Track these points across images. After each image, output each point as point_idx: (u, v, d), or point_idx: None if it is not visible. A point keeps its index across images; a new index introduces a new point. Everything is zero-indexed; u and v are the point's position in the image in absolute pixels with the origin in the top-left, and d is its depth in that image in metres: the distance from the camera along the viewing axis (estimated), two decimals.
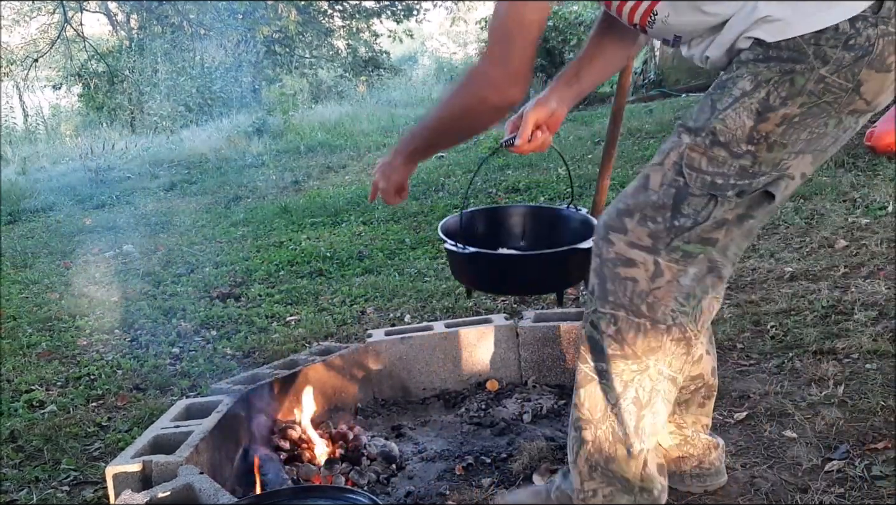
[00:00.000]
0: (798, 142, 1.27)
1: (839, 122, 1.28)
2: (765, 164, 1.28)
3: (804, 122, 1.26)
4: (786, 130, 1.26)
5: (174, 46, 15.05)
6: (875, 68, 1.23)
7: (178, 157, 9.35)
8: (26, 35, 19.03)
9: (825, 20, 1.20)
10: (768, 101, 1.24)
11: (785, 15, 1.22)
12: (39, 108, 15.55)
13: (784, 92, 1.24)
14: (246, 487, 1.89)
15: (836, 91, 1.24)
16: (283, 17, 15.48)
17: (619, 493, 1.43)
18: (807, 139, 1.27)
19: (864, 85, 1.24)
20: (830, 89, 1.24)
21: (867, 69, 1.22)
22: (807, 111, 1.25)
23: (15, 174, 9.29)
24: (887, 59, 1.22)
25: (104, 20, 19.12)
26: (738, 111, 1.26)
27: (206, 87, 13.93)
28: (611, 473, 1.42)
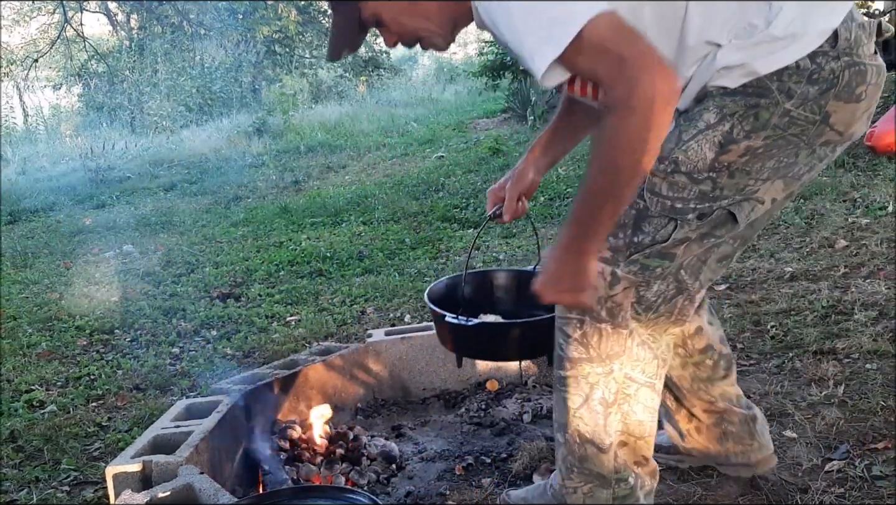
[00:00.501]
0: (764, 169, 1.30)
1: (812, 153, 1.31)
2: (726, 188, 1.31)
3: (769, 152, 1.29)
4: (749, 160, 1.29)
5: (174, 46, 15.07)
6: (843, 99, 1.26)
7: (178, 157, 9.36)
8: (26, 35, 19.05)
9: (783, 60, 1.23)
10: (731, 134, 1.27)
11: (744, 60, 1.24)
12: (39, 108, 15.56)
13: (748, 126, 1.27)
14: (246, 487, 1.89)
15: (803, 124, 1.27)
16: (283, 17, 15.48)
17: (597, 489, 1.47)
18: (774, 167, 1.30)
19: (832, 116, 1.27)
20: (796, 122, 1.27)
21: (834, 101, 1.26)
22: (772, 143, 1.28)
23: (15, 174, 9.31)
24: (856, 89, 1.26)
25: (104, 20, 19.14)
26: (700, 143, 1.29)
27: (206, 87, 13.95)
28: (587, 470, 1.46)
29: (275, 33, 15.47)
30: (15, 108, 15.51)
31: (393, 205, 5.51)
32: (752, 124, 1.26)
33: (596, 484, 1.46)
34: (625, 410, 1.43)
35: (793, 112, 1.26)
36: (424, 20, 1.34)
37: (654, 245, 1.34)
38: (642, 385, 1.42)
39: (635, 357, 1.40)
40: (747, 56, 1.24)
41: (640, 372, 1.42)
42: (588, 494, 1.47)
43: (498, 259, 3.94)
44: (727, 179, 1.29)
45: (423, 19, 1.34)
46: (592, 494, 1.47)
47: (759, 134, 1.27)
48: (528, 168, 1.64)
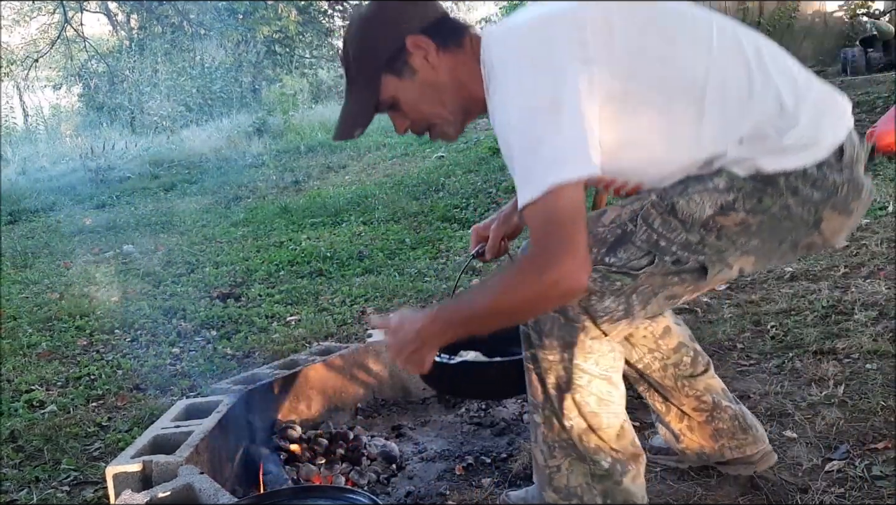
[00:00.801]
0: (748, 244, 1.36)
1: (793, 248, 1.39)
2: (709, 247, 1.35)
3: (759, 233, 1.35)
4: (740, 231, 1.34)
5: (174, 46, 15.06)
6: (838, 210, 1.35)
7: (179, 157, 9.36)
8: (26, 35, 19.06)
9: (791, 164, 1.30)
10: (734, 203, 1.32)
11: (753, 159, 1.31)
12: (39, 108, 15.56)
13: (749, 205, 1.32)
14: (246, 487, 1.89)
15: (797, 221, 1.34)
16: (284, 17, 15.47)
17: (575, 462, 1.47)
18: (756, 246, 1.36)
19: (824, 223, 1.35)
20: (792, 218, 1.34)
21: (830, 210, 1.34)
22: (765, 227, 1.34)
23: (15, 174, 9.31)
24: (850, 203, 1.35)
25: (104, 20, 19.14)
26: (703, 198, 1.33)
27: (207, 87, 13.94)
28: (565, 444, 1.47)
29: (275, 33, 15.46)
30: (15, 108, 15.51)
31: (393, 205, 5.51)
32: (753, 204, 1.32)
33: (573, 457, 1.47)
34: (577, 400, 1.43)
35: (792, 208, 1.33)
36: (441, 107, 1.40)
37: (623, 269, 1.36)
38: (595, 377, 1.42)
39: (588, 349, 1.40)
40: (757, 156, 1.30)
41: (594, 364, 1.42)
42: (569, 468, 1.48)
43: (498, 259, 3.94)
44: (714, 239, 1.35)
45: (440, 106, 1.40)
46: (573, 468, 1.47)
47: (757, 215, 1.33)
48: (513, 213, 1.73)
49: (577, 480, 1.47)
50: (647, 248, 1.35)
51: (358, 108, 1.41)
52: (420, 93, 1.38)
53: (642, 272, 1.36)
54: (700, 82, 1.29)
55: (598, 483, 1.47)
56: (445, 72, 1.38)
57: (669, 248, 1.35)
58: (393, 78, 1.37)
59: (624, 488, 1.47)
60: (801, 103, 1.32)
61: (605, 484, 1.47)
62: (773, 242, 1.37)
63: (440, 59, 1.37)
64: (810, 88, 1.36)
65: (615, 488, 1.47)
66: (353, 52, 1.39)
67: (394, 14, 1.38)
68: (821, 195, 1.32)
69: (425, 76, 1.37)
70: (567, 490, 1.48)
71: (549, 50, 1.24)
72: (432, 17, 1.38)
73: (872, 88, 6.82)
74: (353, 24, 1.43)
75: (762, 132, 1.30)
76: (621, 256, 1.36)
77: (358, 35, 1.40)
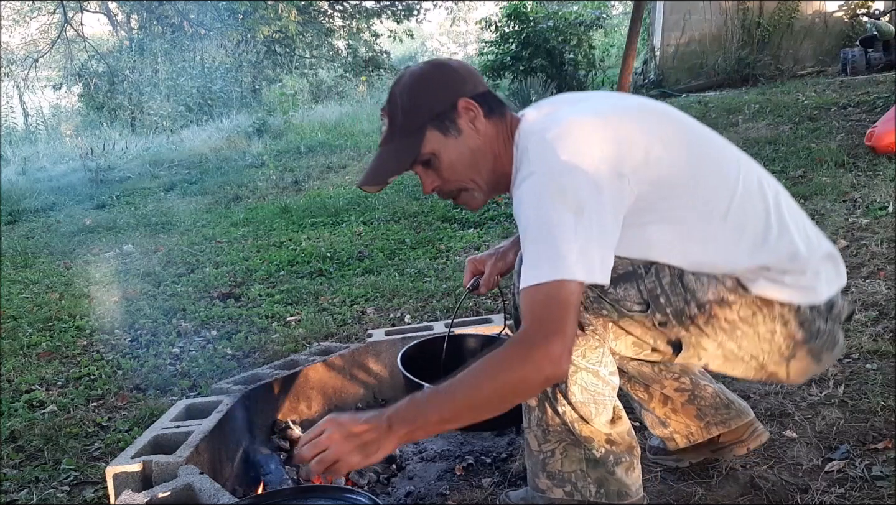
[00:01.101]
0: (724, 345, 1.43)
1: (759, 369, 1.47)
2: (694, 328, 1.41)
3: (740, 340, 1.42)
4: (725, 330, 1.41)
5: (174, 46, 15.06)
6: (811, 355, 1.44)
7: (179, 158, 9.35)
8: (26, 35, 19.06)
9: (790, 298, 1.39)
10: (731, 304, 1.40)
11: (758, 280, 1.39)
12: (39, 108, 15.54)
13: (743, 312, 1.40)
14: (246, 487, 1.89)
15: (775, 348, 1.43)
16: (284, 17, 15.46)
17: (570, 447, 1.50)
18: (731, 350, 1.44)
19: (794, 360, 1.44)
20: (772, 343, 1.42)
21: (805, 352, 1.43)
22: (747, 339, 1.42)
23: (15, 174, 9.30)
24: (823, 352, 1.45)
25: (104, 20, 19.15)
26: (710, 283, 1.39)
27: (207, 88, 13.94)
28: (558, 428, 1.50)
29: (275, 33, 15.45)
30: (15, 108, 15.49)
31: (393, 205, 5.51)
32: (747, 314, 1.40)
33: (568, 443, 1.50)
34: (562, 389, 1.47)
35: (776, 336, 1.41)
36: (476, 173, 1.47)
37: (616, 304, 1.42)
38: (581, 368, 1.46)
39: (578, 343, 1.45)
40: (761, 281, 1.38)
41: (580, 356, 1.45)
42: (563, 453, 1.50)
43: None
44: (702, 322, 1.41)
45: (475, 172, 1.46)
46: (567, 453, 1.50)
47: (746, 324, 1.41)
48: (510, 251, 1.79)
49: (572, 466, 1.50)
50: (645, 298, 1.40)
51: (397, 156, 1.46)
52: (460, 153, 1.44)
53: (630, 314, 1.42)
54: (719, 215, 1.36)
55: (592, 471, 1.49)
56: (486, 140, 1.45)
57: (664, 308, 1.41)
58: (438, 134, 1.43)
59: (618, 478, 1.50)
60: (810, 258, 1.40)
61: (600, 472, 1.49)
62: (746, 355, 1.45)
63: (485, 126, 1.44)
64: (819, 245, 1.44)
65: (609, 478, 1.49)
66: (404, 102, 1.45)
67: (449, 77, 1.46)
68: (803, 335, 1.41)
69: (468, 138, 1.44)
70: (561, 476, 1.51)
71: (586, 155, 1.29)
72: (482, 89, 1.46)
73: (872, 88, 6.83)
74: (406, 77, 1.49)
75: (767, 270, 1.38)
76: (620, 291, 1.41)
77: (412, 88, 1.46)
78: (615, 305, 1.42)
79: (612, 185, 1.29)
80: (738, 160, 1.45)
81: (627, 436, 1.53)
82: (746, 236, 1.37)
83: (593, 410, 1.48)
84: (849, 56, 8.23)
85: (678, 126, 1.44)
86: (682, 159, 1.37)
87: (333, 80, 15.94)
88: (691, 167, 1.37)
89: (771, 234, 1.37)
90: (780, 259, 1.37)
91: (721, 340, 1.42)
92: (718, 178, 1.39)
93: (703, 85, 9.16)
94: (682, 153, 1.38)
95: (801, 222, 1.44)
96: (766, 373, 1.48)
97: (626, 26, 7.75)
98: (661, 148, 1.35)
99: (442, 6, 19.62)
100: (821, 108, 6.38)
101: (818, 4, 9.35)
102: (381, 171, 1.47)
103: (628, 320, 1.43)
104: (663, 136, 1.38)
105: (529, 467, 1.58)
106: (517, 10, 9.88)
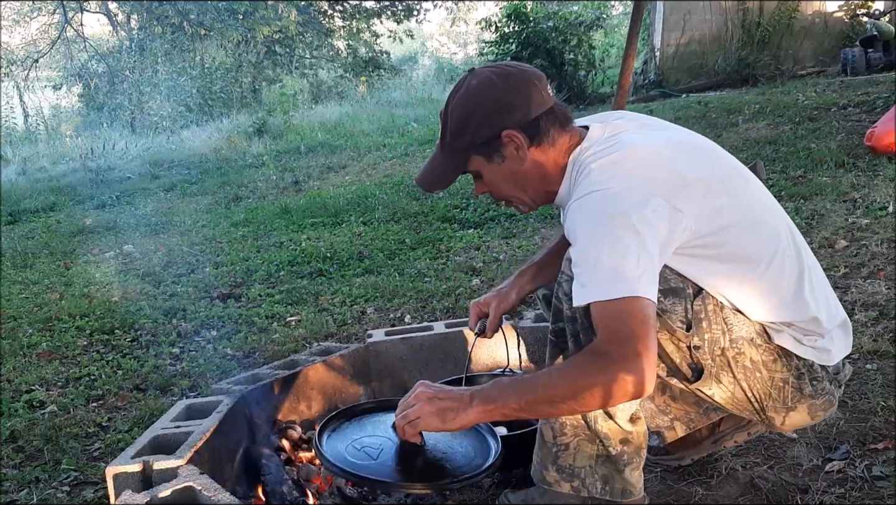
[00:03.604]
0: (739, 383, 1.48)
1: (759, 411, 1.52)
2: (720, 359, 1.46)
3: (752, 382, 1.47)
4: (745, 369, 1.46)
5: (174, 46, 15.06)
6: (809, 411, 1.50)
7: (179, 158, 9.35)
8: (26, 35, 19.06)
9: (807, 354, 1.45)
10: (758, 347, 1.46)
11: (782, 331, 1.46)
12: (40, 109, 15.54)
13: (765, 357, 1.46)
14: (246, 486, 1.89)
15: (780, 397, 1.49)
16: (284, 18, 15.46)
17: (584, 442, 1.52)
18: (743, 389, 1.49)
19: (794, 412, 1.50)
20: (781, 392, 1.48)
21: (806, 407, 1.49)
22: (760, 382, 1.48)
23: (15, 174, 9.30)
24: (819, 410, 1.51)
25: (104, 20, 19.14)
26: (746, 323, 1.44)
27: (207, 88, 13.94)
28: (574, 422, 1.51)
29: (275, 33, 15.46)
30: (15, 108, 15.48)
31: (393, 205, 5.51)
32: (768, 360, 1.46)
33: (583, 438, 1.51)
34: None
35: (787, 385, 1.48)
36: (521, 192, 1.52)
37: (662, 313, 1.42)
38: None
39: None
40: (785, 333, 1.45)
41: None
42: (576, 448, 1.52)
43: (498, 259, 3.95)
44: (730, 356, 1.46)
45: (520, 191, 1.52)
46: (580, 447, 1.52)
47: (766, 368, 1.47)
48: (512, 290, 1.80)
49: (583, 460, 1.52)
50: (689, 318, 1.42)
51: (444, 170, 1.52)
52: (502, 178, 1.49)
53: (672, 330, 1.43)
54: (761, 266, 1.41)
55: (600, 467, 1.51)
56: (532, 166, 1.47)
57: (703, 334, 1.43)
58: (481, 159, 1.48)
59: (624, 478, 1.52)
60: (829, 324, 1.46)
61: (608, 469, 1.51)
62: (752, 396, 1.49)
63: (530, 154, 1.46)
64: (837, 314, 1.51)
65: (616, 476, 1.50)
66: (454, 122, 1.47)
67: (500, 103, 1.44)
68: (810, 391, 1.48)
69: (511, 165, 1.47)
70: (571, 470, 1.53)
71: (649, 182, 1.32)
72: (534, 114, 1.44)
73: (872, 88, 6.83)
74: (462, 91, 1.48)
75: (790, 326, 1.44)
76: (668, 304, 1.42)
77: (463, 108, 1.46)
78: (660, 315, 1.42)
79: (667, 218, 1.31)
80: (788, 224, 1.51)
81: (643, 437, 1.54)
82: (778, 292, 1.42)
83: (620, 405, 1.48)
84: (849, 56, 8.24)
85: (736, 174, 1.48)
86: (739, 205, 1.41)
87: (333, 81, 15.96)
88: (746, 216, 1.41)
89: (801, 296, 1.43)
90: (804, 320, 1.44)
91: (739, 378, 1.47)
92: (767, 233, 1.43)
93: (703, 85, 9.17)
94: (741, 199, 1.42)
95: (825, 291, 1.50)
96: (763, 417, 1.54)
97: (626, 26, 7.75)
98: (721, 189, 1.39)
99: (442, 6, 19.64)
100: (821, 108, 6.39)
101: (818, 4, 9.35)
102: (432, 179, 1.54)
103: (666, 334, 1.44)
104: (724, 178, 1.42)
105: (537, 460, 1.58)
106: (517, 10, 9.89)
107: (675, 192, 1.32)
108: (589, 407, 1.32)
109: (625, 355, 1.23)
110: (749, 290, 1.41)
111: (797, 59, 9.18)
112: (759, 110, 6.69)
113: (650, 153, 1.38)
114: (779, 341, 1.44)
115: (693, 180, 1.35)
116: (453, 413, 1.33)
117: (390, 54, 18.02)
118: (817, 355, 1.46)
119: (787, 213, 1.54)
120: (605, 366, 1.25)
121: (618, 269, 1.25)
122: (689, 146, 1.46)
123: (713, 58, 9.28)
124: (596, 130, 1.48)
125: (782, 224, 1.48)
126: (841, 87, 7.25)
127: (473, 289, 3.48)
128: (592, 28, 10.34)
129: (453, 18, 24.59)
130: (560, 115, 1.48)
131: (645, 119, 1.57)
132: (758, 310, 1.43)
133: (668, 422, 1.78)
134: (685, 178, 1.35)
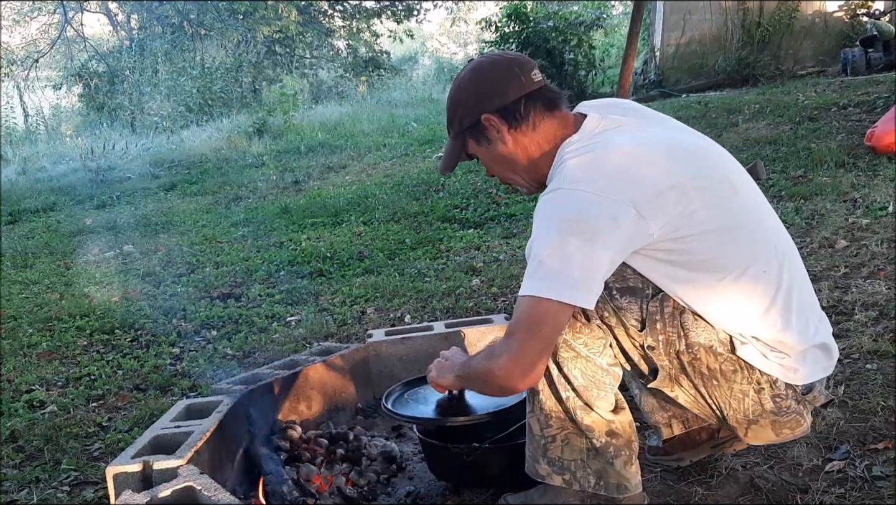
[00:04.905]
0: (697, 389, 1.49)
1: (722, 419, 1.51)
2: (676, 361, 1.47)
3: (713, 390, 1.48)
4: (703, 376, 1.47)
5: (174, 46, 15.05)
6: (773, 428, 1.49)
7: (179, 158, 9.35)
8: (26, 35, 19.07)
9: (770, 369, 1.44)
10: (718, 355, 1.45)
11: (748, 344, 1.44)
12: (40, 109, 15.54)
13: (725, 367, 1.45)
14: (246, 486, 1.89)
15: (740, 408, 1.48)
16: (284, 18, 15.46)
17: (572, 435, 1.53)
18: (702, 395, 1.49)
19: (756, 426, 1.49)
20: (741, 403, 1.47)
21: (769, 423, 1.49)
22: (720, 391, 1.48)
23: (15, 174, 9.30)
24: (784, 429, 1.50)
25: (104, 20, 19.16)
26: (705, 328, 1.44)
27: (207, 88, 13.92)
28: (561, 416, 1.52)
29: (275, 33, 15.46)
30: (15, 108, 15.47)
31: (393, 205, 5.51)
32: (727, 370, 1.45)
33: (570, 431, 1.53)
34: (564, 372, 1.50)
35: (747, 398, 1.47)
36: (513, 174, 1.58)
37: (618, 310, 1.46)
38: (582, 356, 1.49)
39: (578, 329, 1.48)
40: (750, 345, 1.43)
41: (582, 344, 1.49)
42: (564, 441, 1.53)
43: (498, 259, 3.94)
44: (686, 360, 1.46)
45: (513, 173, 1.58)
46: (568, 440, 1.53)
47: (724, 378, 1.46)
48: None
49: (573, 454, 1.53)
50: (643, 318, 1.44)
51: (450, 153, 1.62)
52: (492, 160, 1.57)
53: (626, 327, 1.46)
54: (730, 278, 1.39)
55: (592, 461, 1.51)
56: (515, 149, 1.52)
57: (657, 335, 1.44)
58: (473, 142, 1.56)
59: (617, 471, 1.52)
60: (798, 345, 1.44)
61: (599, 463, 1.51)
62: (714, 404, 1.50)
63: (510, 137, 1.51)
64: (816, 335, 1.48)
65: (609, 470, 1.51)
66: (448, 110, 1.58)
67: (480, 89, 1.52)
68: (772, 407, 1.46)
69: (497, 147, 1.53)
70: (561, 463, 1.53)
71: (618, 188, 1.33)
72: (511, 98, 1.49)
73: (872, 88, 6.83)
74: (455, 81, 1.58)
75: (756, 340, 1.43)
76: (624, 302, 1.44)
77: (452, 98, 1.57)
78: (616, 311, 1.45)
79: (630, 224, 1.32)
80: (780, 242, 1.49)
81: (629, 428, 1.54)
82: (748, 305, 1.41)
83: (595, 395, 1.50)
84: (849, 56, 8.23)
85: (724, 182, 1.45)
86: (717, 214, 1.40)
87: (333, 81, 15.94)
88: (722, 225, 1.40)
89: (769, 314, 1.41)
90: (770, 339, 1.43)
91: (697, 383, 1.48)
92: (745, 246, 1.42)
93: (704, 85, 9.16)
94: (721, 209, 1.41)
95: (806, 313, 1.47)
96: (722, 430, 1.55)
97: (626, 26, 7.75)
98: (698, 197, 1.37)
99: (442, 6, 19.63)
100: (821, 108, 6.38)
101: (818, 4, 9.34)
102: (443, 164, 1.65)
103: (622, 331, 1.47)
104: (705, 186, 1.40)
105: (530, 454, 1.59)
106: (517, 10, 9.87)
107: (643, 198, 1.33)
108: (482, 390, 1.57)
109: (504, 350, 1.36)
110: (714, 299, 1.41)
111: (797, 59, 9.18)
112: (759, 110, 6.68)
113: (630, 156, 1.38)
114: (742, 353, 1.43)
115: (666, 188, 1.35)
116: (444, 372, 1.65)
117: (390, 54, 18.01)
118: (783, 373, 1.44)
119: (784, 220, 1.53)
120: (488, 354, 1.43)
121: (553, 272, 1.31)
122: (679, 149, 1.45)
123: (713, 58, 9.27)
124: (591, 123, 1.48)
125: (770, 240, 1.46)
126: (841, 87, 7.25)
127: (473, 289, 3.48)
128: (592, 28, 10.32)
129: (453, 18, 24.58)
130: (544, 99, 1.50)
131: (647, 114, 1.56)
132: (721, 319, 1.42)
133: (666, 419, 1.79)
134: (658, 186, 1.34)
